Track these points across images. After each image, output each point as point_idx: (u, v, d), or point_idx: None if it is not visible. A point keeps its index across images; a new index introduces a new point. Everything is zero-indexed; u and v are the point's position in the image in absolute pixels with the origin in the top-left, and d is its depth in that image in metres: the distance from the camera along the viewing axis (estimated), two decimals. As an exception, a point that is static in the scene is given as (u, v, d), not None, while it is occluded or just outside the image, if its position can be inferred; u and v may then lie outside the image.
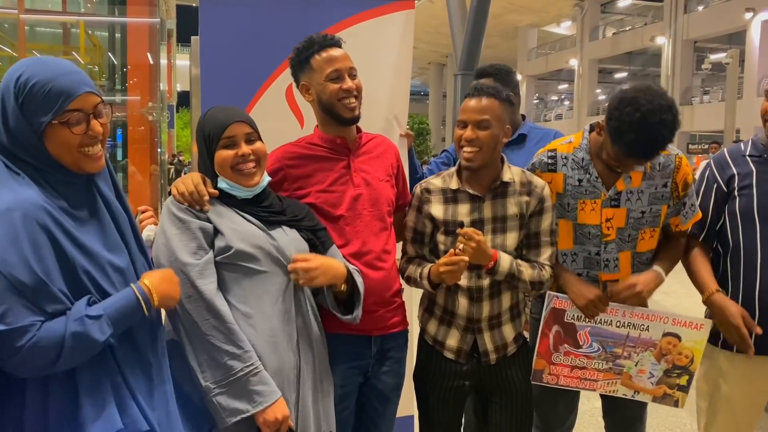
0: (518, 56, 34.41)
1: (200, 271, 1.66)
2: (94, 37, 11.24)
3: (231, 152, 1.76)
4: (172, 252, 1.66)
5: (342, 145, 2.06)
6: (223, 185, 1.78)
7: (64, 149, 1.36)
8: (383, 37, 2.13)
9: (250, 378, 1.63)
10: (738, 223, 2.02)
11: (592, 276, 2.11)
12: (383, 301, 2.05)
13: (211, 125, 1.78)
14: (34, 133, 1.34)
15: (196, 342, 1.63)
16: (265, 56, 2.37)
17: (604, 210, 2.07)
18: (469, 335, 2.06)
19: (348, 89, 1.99)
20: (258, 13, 2.36)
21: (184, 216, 1.70)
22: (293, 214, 1.86)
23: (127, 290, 1.40)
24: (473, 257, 1.90)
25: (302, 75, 2.05)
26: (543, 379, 2.14)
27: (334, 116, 2.02)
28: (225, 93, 1.80)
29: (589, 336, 2.10)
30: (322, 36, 2.02)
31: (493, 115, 1.98)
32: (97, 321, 1.30)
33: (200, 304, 1.64)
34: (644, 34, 26.15)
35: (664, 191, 2.07)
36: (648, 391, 2.11)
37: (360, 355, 2.03)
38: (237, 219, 1.76)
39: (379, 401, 2.10)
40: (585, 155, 2.09)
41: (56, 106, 1.33)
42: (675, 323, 2.06)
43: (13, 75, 1.35)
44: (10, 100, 1.33)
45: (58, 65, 1.38)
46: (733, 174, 2.05)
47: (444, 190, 2.07)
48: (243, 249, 1.71)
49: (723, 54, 21.12)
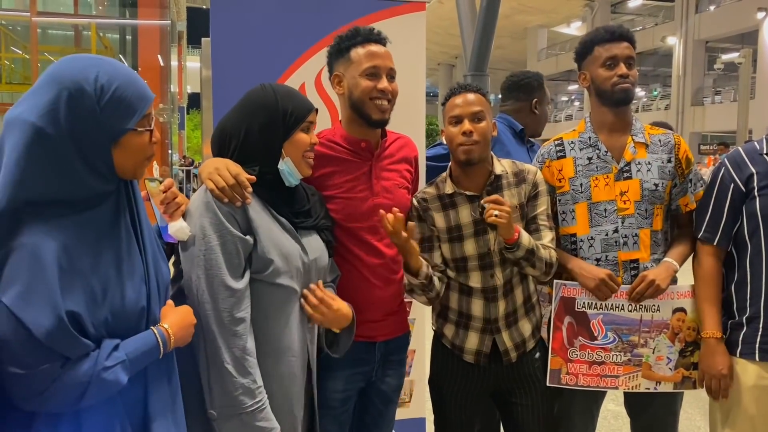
0: (528, 57, 34.31)
1: (240, 297, 1.58)
2: (105, 39, 11.33)
3: (308, 137, 1.72)
4: (213, 266, 1.56)
5: (366, 150, 1.97)
6: (284, 168, 1.69)
7: (134, 156, 1.33)
8: (395, 39, 2.13)
9: (257, 414, 1.59)
10: (759, 224, 1.96)
11: (611, 259, 2.09)
12: (391, 312, 2.04)
13: (296, 104, 1.71)
14: (111, 138, 1.29)
15: (213, 367, 1.57)
16: (276, 58, 2.36)
17: (617, 183, 2.09)
18: (487, 336, 2.03)
19: (383, 89, 1.90)
20: (268, 16, 2.35)
21: (228, 224, 1.58)
22: (317, 214, 1.81)
23: (149, 334, 1.37)
24: (506, 224, 1.86)
25: (338, 65, 1.95)
26: (561, 380, 2.08)
27: (362, 115, 1.92)
28: (237, 95, 1.79)
29: (603, 325, 2.07)
30: (369, 28, 1.94)
31: (485, 107, 2.00)
32: (122, 366, 1.29)
33: (230, 332, 1.56)
34: (655, 34, 26.01)
35: (669, 167, 2.12)
36: (668, 379, 2.08)
37: (364, 362, 2.00)
38: (274, 227, 1.68)
39: (382, 402, 2.09)
40: (591, 134, 2.16)
41: (138, 111, 1.31)
42: (680, 296, 2.07)
43: (85, 76, 1.26)
44: (87, 103, 1.25)
45: (126, 68, 1.35)
46: (752, 173, 1.98)
47: (440, 196, 2.04)
48: (279, 264, 1.65)
49: (735, 54, 20.96)
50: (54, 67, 1.30)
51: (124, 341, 1.32)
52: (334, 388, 1.93)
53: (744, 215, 2.01)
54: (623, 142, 2.13)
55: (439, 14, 28.58)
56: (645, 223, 2.09)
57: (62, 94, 1.24)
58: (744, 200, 2.00)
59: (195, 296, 1.57)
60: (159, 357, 1.39)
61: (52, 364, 1.21)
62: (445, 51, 36.40)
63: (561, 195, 2.15)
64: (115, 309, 1.31)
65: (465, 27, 14.00)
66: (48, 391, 1.21)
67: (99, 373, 1.25)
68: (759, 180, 1.97)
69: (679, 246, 2.14)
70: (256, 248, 1.62)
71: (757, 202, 1.96)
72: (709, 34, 23.97)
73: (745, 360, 1.99)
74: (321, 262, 1.78)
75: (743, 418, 1.99)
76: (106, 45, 11.22)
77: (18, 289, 1.18)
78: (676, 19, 25.15)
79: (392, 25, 2.40)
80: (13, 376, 1.20)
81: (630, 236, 2.09)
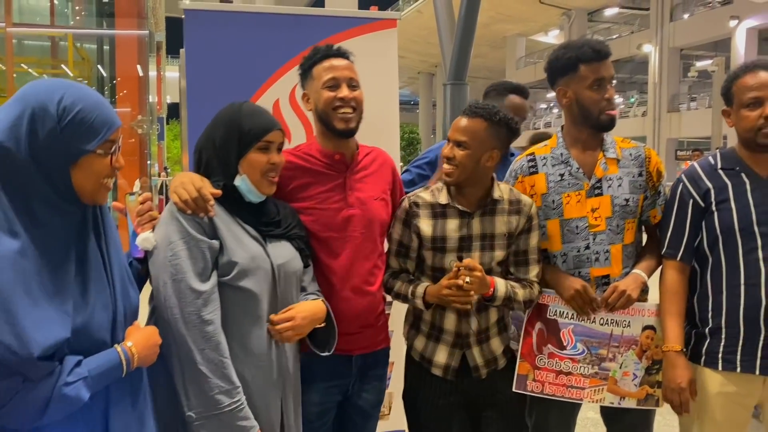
0: (507, 65, 34.59)
1: (206, 299, 1.61)
2: (82, 50, 11.23)
3: (265, 157, 1.74)
4: (179, 271, 1.59)
5: (340, 162, 2.01)
6: (241, 185, 1.73)
7: (92, 179, 1.36)
8: (368, 54, 2.17)
9: (236, 413, 1.60)
10: (718, 238, 2.00)
11: (583, 275, 2.12)
12: (368, 325, 2.03)
13: (254, 123, 1.73)
14: (69, 159, 1.32)
15: (187, 369, 1.59)
16: (251, 73, 2.39)
17: (589, 200, 2.11)
18: (457, 351, 2.04)
19: (343, 98, 1.94)
20: (242, 32, 2.38)
21: (194, 231, 1.63)
22: (287, 224, 1.84)
23: (112, 352, 1.38)
24: (476, 289, 1.90)
25: (305, 85, 2.02)
26: (527, 387, 2.10)
27: (329, 127, 1.97)
28: (211, 109, 1.80)
29: (573, 335, 2.09)
30: (327, 45, 2.00)
31: (472, 136, 1.97)
32: (84, 382, 1.29)
33: (200, 334, 1.59)
34: (631, 42, 26.35)
35: (641, 180, 2.14)
36: (632, 395, 2.11)
37: (340, 375, 2.01)
38: (239, 233, 1.72)
39: (361, 417, 2.09)
40: (563, 150, 2.16)
41: (100, 135, 1.34)
42: (650, 314, 2.10)
43: (50, 97, 1.30)
44: (49, 123, 1.29)
45: (95, 94, 1.38)
46: (709, 188, 2.03)
47: (433, 204, 2.05)
48: (244, 267, 1.67)
49: (709, 61, 21.31)
50: (24, 88, 1.34)
51: (87, 358, 1.33)
52: (310, 401, 1.93)
53: (704, 230, 2.05)
54: (595, 158, 2.14)
55: (418, 24, 28.75)
56: (616, 239, 2.12)
57: (26, 112, 1.29)
58: (703, 215, 2.04)
59: (162, 302, 1.60)
60: (122, 375, 1.39)
61: (12, 379, 1.21)
62: (425, 60, 36.58)
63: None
64: (78, 330, 1.31)
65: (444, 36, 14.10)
66: (8, 407, 1.21)
67: (60, 388, 1.25)
68: (716, 195, 2.01)
69: (646, 259, 2.17)
70: (222, 252, 1.66)
71: (715, 217, 2.00)
72: (683, 41, 24.36)
73: (709, 369, 2.03)
74: (290, 267, 1.79)
75: (710, 424, 2.03)
76: (83, 56, 11.13)
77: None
78: (652, 28, 25.53)
79: (365, 41, 2.43)
80: None
81: (601, 252, 2.11)
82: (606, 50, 2.10)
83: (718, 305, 2.01)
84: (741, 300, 1.95)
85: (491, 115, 1.96)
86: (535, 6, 28.05)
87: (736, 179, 2.01)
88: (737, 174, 2.01)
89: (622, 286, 2.06)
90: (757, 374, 1.95)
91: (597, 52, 2.07)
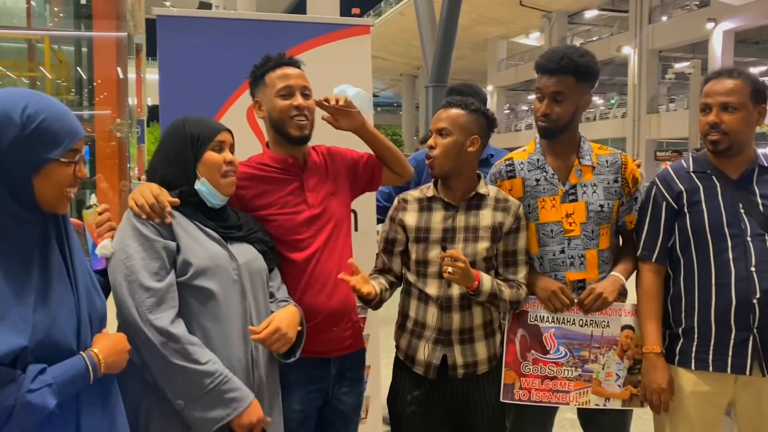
0: (488, 67, 34.77)
1: (161, 297, 1.63)
2: (59, 52, 11.10)
3: (221, 156, 1.78)
4: (133, 272, 1.63)
5: (294, 165, 2.04)
6: (201, 188, 1.76)
7: (54, 187, 1.37)
8: (342, 60, 2.18)
9: (222, 387, 1.64)
10: (690, 240, 2.04)
11: (559, 278, 2.15)
12: (340, 323, 2.05)
13: (202, 127, 1.79)
14: (31, 166, 1.33)
15: (157, 365, 1.62)
16: (224, 79, 2.39)
17: (563, 206, 2.15)
18: (439, 348, 2.05)
19: (298, 106, 1.97)
20: (216, 37, 2.38)
21: (148, 233, 1.66)
22: (248, 228, 1.87)
23: (78, 359, 1.38)
24: (460, 279, 1.92)
25: (257, 91, 2.04)
26: (515, 396, 2.11)
27: (283, 134, 2.00)
28: (185, 114, 1.82)
29: (555, 339, 2.11)
30: (279, 54, 2.03)
31: (452, 123, 2.04)
32: (49, 389, 1.29)
33: (156, 332, 1.61)
34: (611, 44, 26.60)
35: (616, 186, 2.17)
36: (617, 396, 2.13)
37: (319, 378, 2.02)
38: (198, 235, 1.74)
39: (341, 421, 2.10)
40: (540, 156, 2.20)
41: (64, 144, 1.35)
42: (627, 314, 2.13)
43: (14, 106, 1.32)
44: (12, 130, 1.30)
45: (59, 104, 1.40)
46: (681, 191, 2.07)
47: (420, 199, 2.11)
48: (202, 266, 1.69)
49: (686, 63, 21.57)
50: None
51: (52, 366, 1.32)
52: (291, 408, 1.94)
53: (676, 231, 2.09)
54: (570, 164, 2.18)
55: (400, 26, 28.83)
56: (591, 244, 2.15)
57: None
58: (676, 217, 2.08)
59: (120, 304, 1.63)
60: (90, 382, 1.39)
61: None
62: (408, 62, 36.65)
63: None
64: (41, 339, 1.31)
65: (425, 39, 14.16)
66: None
67: (24, 396, 1.25)
68: (688, 197, 2.05)
69: (623, 262, 2.21)
70: (179, 253, 1.68)
71: (687, 219, 2.04)
72: (662, 43, 24.64)
73: (682, 369, 2.06)
74: (254, 267, 1.81)
75: (684, 422, 2.07)
76: (60, 59, 11.01)
77: None
78: (631, 30, 25.79)
79: (339, 47, 2.45)
80: None
81: (576, 257, 2.14)
82: (552, 65, 2.11)
83: (690, 305, 2.05)
84: (712, 300, 1.99)
85: (467, 105, 2.06)
86: (515, 8, 28.24)
87: (708, 182, 2.05)
88: (708, 177, 2.05)
89: (599, 288, 2.09)
90: (729, 373, 1.99)
91: (541, 66, 2.13)
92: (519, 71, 32.83)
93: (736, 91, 1.97)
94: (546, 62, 2.09)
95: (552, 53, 2.12)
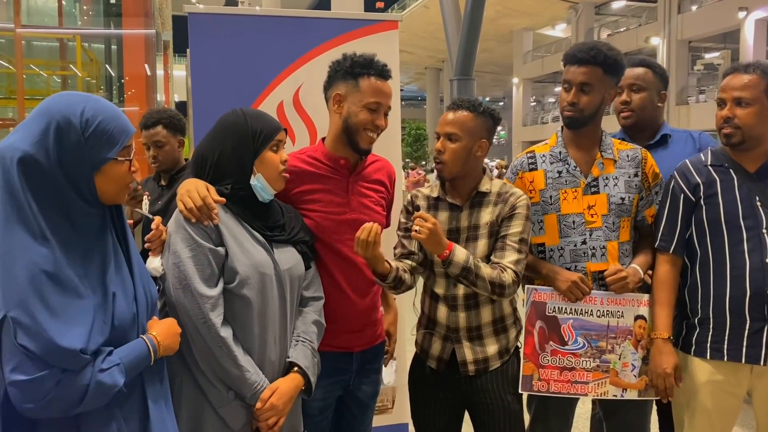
0: (514, 60, 34.48)
1: (213, 304, 1.69)
2: (90, 51, 11.30)
3: (278, 156, 1.83)
4: (186, 276, 1.69)
5: (345, 167, 2.08)
6: (256, 184, 1.80)
7: (116, 183, 1.46)
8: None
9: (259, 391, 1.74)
10: (706, 232, 2.07)
11: (579, 269, 2.17)
12: (368, 322, 2.12)
13: (263, 124, 1.82)
14: (92, 167, 1.40)
15: (208, 361, 1.71)
16: (255, 76, 2.43)
17: (585, 197, 2.18)
18: (448, 344, 2.09)
19: (378, 125, 2.03)
20: (246, 34, 2.41)
21: (198, 237, 1.71)
22: (291, 228, 1.90)
23: (140, 341, 1.48)
24: (428, 241, 1.90)
25: (343, 85, 2.03)
26: (534, 387, 2.13)
27: (351, 141, 2.03)
28: (217, 113, 1.85)
29: (573, 330, 2.13)
30: (382, 63, 2.04)
31: (462, 128, 2.03)
32: (118, 368, 1.38)
33: (211, 333, 1.68)
34: (639, 35, 26.19)
35: (636, 180, 2.20)
36: (633, 386, 2.15)
37: (341, 371, 2.08)
38: (245, 239, 1.78)
39: (358, 409, 2.17)
40: (561, 149, 2.23)
41: (119, 143, 1.43)
42: (640, 304, 2.15)
43: (72, 111, 1.39)
44: (73, 135, 1.37)
45: (111, 105, 1.48)
46: (698, 183, 2.09)
47: (428, 197, 2.14)
48: (247, 275, 1.74)
49: (716, 54, 21.14)
50: (46, 102, 1.43)
51: (117, 348, 1.42)
52: (313, 397, 1.97)
53: (693, 224, 2.11)
54: (592, 157, 2.21)
55: (425, 19, 28.72)
56: (612, 236, 2.17)
57: (51, 125, 1.37)
58: (693, 209, 2.11)
59: (175, 305, 1.70)
60: (151, 363, 1.49)
61: (53, 370, 1.29)
62: (432, 55, 36.53)
63: (532, 205, 2.21)
64: (106, 323, 1.40)
65: (450, 31, 14.12)
66: (49, 396, 1.29)
67: (96, 375, 1.34)
68: (704, 190, 2.08)
69: (642, 255, 2.23)
70: (227, 259, 1.73)
71: (703, 211, 2.08)
72: (691, 34, 24.17)
73: (698, 359, 2.09)
74: (295, 272, 1.86)
75: (701, 411, 2.10)
76: (91, 57, 11.20)
77: (21, 309, 1.27)
78: (659, 20, 25.34)
79: (367, 43, 2.46)
80: (15, 384, 1.27)
81: (598, 248, 2.16)
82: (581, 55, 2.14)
83: (706, 296, 2.08)
84: (727, 291, 2.02)
85: (475, 107, 2.04)
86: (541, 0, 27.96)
87: (725, 175, 2.07)
88: (726, 170, 2.08)
89: (624, 272, 2.12)
90: (744, 363, 2.01)
91: (571, 56, 2.16)
92: (545, 63, 32.51)
93: (750, 86, 1.99)
94: (576, 52, 2.15)
95: (581, 44, 2.18)
